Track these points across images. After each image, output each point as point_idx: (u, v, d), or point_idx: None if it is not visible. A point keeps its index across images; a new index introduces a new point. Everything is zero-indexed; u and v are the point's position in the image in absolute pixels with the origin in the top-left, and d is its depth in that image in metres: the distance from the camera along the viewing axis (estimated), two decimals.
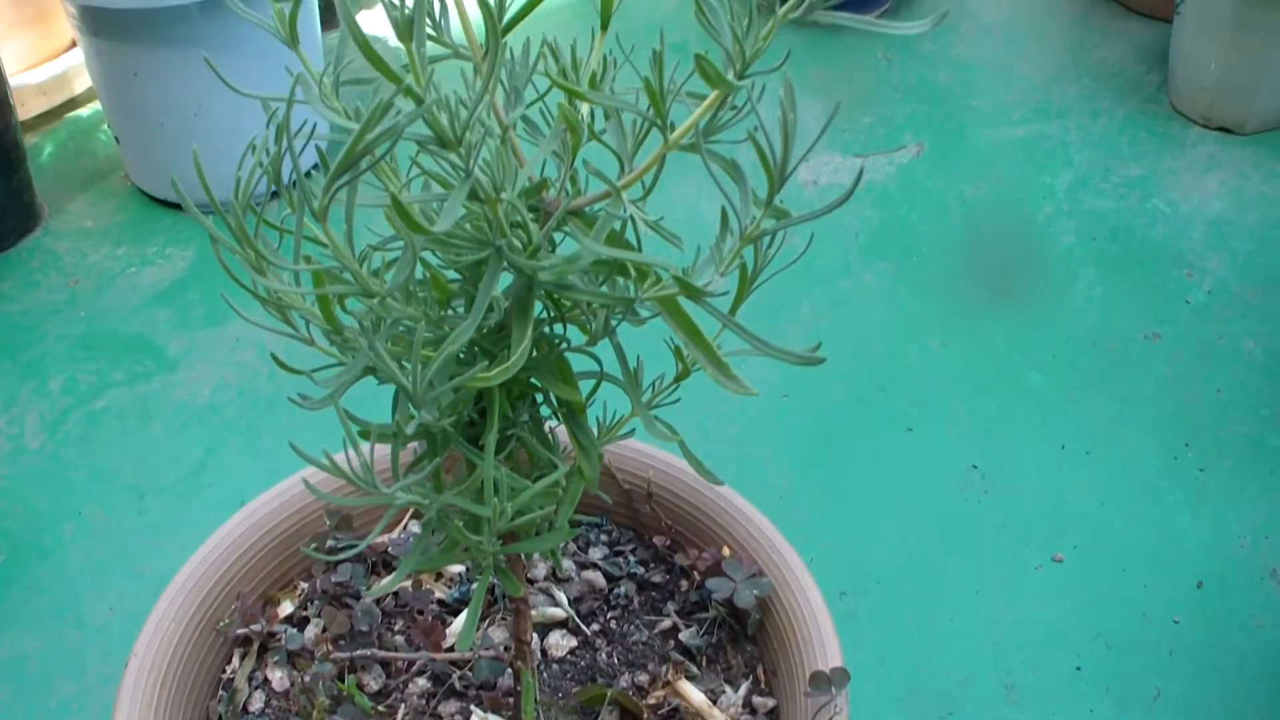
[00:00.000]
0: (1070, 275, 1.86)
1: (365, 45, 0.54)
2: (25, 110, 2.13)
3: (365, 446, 0.69)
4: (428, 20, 0.69)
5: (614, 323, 0.73)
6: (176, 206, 2.01)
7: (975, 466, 1.60)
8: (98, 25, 1.82)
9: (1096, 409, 1.68)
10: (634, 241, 0.73)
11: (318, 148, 0.66)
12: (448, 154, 0.62)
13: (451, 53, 0.72)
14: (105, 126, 2.12)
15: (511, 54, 0.72)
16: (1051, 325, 1.79)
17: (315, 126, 0.70)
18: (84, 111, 2.22)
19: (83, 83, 2.23)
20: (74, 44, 2.21)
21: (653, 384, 0.81)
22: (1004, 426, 1.65)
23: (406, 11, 0.54)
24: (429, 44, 0.70)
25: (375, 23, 2.42)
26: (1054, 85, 2.23)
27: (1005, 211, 1.97)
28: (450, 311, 0.72)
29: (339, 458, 0.70)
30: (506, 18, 0.71)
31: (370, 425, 0.71)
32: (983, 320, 1.79)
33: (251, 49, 1.81)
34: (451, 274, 0.74)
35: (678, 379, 0.80)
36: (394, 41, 0.59)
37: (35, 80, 2.16)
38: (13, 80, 1.99)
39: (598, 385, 0.78)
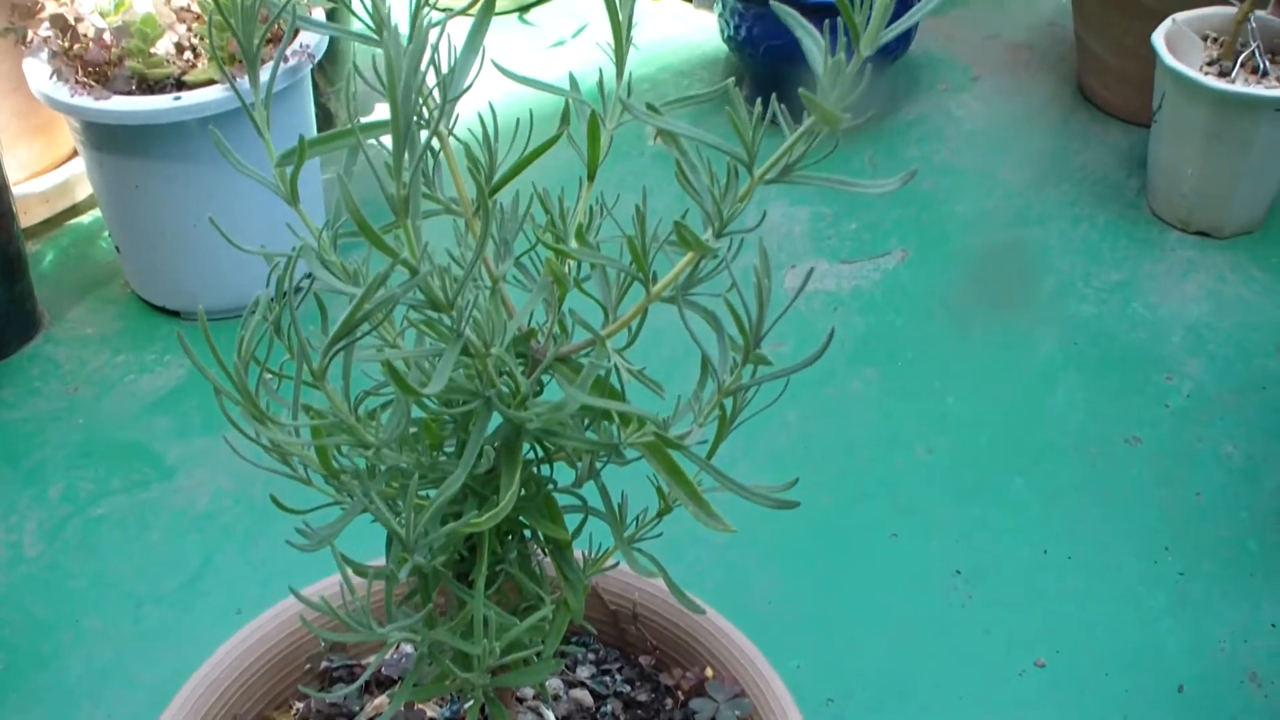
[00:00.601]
0: (1052, 380, 1.90)
1: (364, 224, 0.57)
2: (28, 217, 2.16)
3: (359, 581, 0.72)
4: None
5: (599, 465, 0.77)
6: (175, 314, 2.04)
7: (959, 572, 1.63)
8: (100, 140, 1.87)
9: (1078, 513, 1.71)
10: (619, 383, 0.77)
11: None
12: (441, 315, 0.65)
13: (444, 209, 0.76)
14: (106, 234, 2.16)
15: (501, 207, 0.76)
16: (1034, 430, 1.82)
17: (313, 280, 0.73)
18: (85, 219, 2.26)
19: (84, 190, 2.27)
20: (76, 152, 2.26)
21: (637, 518, 0.84)
22: (987, 532, 1.68)
23: (404, 191, 0.58)
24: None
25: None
26: (1036, 191, 2.28)
27: (989, 317, 2.00)
28: (441, 455, 0.75)
29: (333, 594, 0.73)
30: (496, 176, 0.75)
31: (364, 567, 0.74)
32: (967, 426, 1.83)
33: (250, 164, 1.85)
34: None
35: (660, 514, 0.83)
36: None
37: (39, 189, 2.20)
38: (16, 189, 2.03)
39: (584, 522, 0.81)
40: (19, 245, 1.97)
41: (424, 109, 0.71)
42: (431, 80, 0.70)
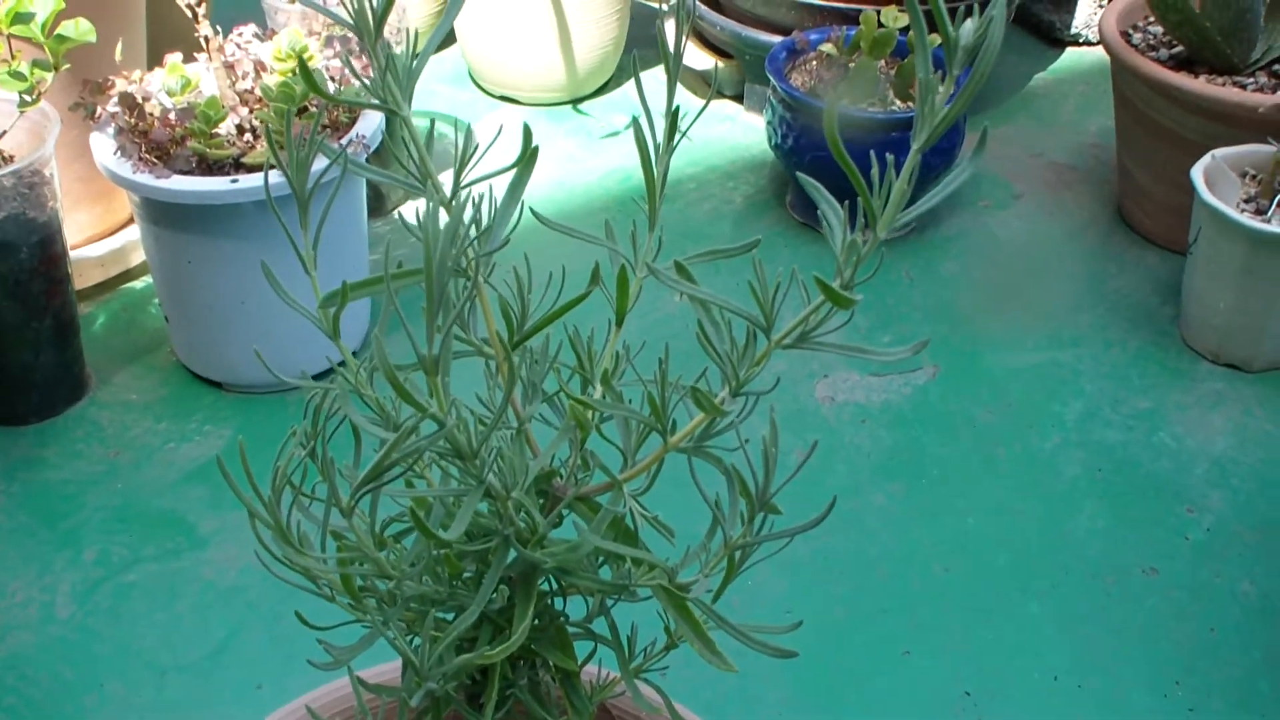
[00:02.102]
0: (1074, 506, 1.92)
1: (397, 384, 0.61)
2: (82, 280, 2.23)
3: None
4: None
5: (609, 604, 0.80)
6: (218, 385, 2.09)
7: (968, 694, 1.65)
8: (157, 215, 1.92)
9: (1092, 641, 1.73)
10: (633, 523, 0.80)
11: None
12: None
13: (476, 350, 0.80)
14: (156, 301, 2.21)
15: (531, 350, 0.80)
16: (1052, 555, 1.84)
17: (341, 409, 0.77)
18: (137, 284, 2.32)
19: (138, 256, 2.33)
20: (132, 219, 2.32)
21: (645, 650, 0.87)
22: (1000, 654, 1.70)
23: (435, 351, 0.62)
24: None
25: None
26: (1070, 313, 2.31)
27: (1015, 439, 2.03)
28: (459, 584, 0.79)
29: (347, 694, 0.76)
30: (529, 324, 0.79)
31: (381, 688, 0.77)
32: (986, 547, 1.85)
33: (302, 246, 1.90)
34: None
35: (666, 648, 0.87)
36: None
37: (95, 254, 2.26)
38: (73, 252, 2.09)
39: (593, 652, 0.84)
40: (73, 310, 2.03)
41: (463, 258, 0.75)
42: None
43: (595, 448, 0.82)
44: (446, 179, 0.78)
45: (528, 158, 0.74)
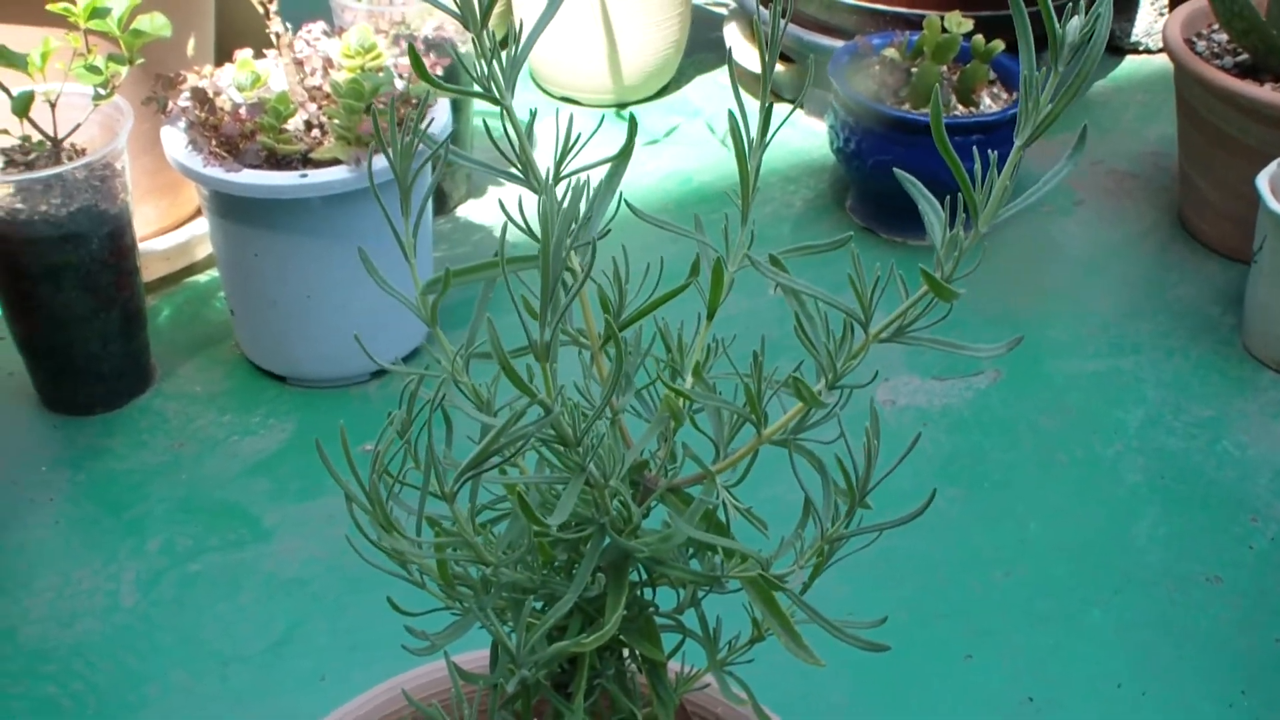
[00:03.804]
0: (1136, 513, 1.91)
1: (510, 370, 0.62)
2: (148, 272, 2.24)
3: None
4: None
5: (700, 595, 0.81)
6: (281, 379, 2.11)
7: (1031, 699, 1.64)
8: (225, 208, 1.94)
9: (1154, 649, 1.72)
10: (724, 516, 0.81)
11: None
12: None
13: (572, 340, 0.80)
14: (221, 294, 2.23)
15: (624, 341, 0.80)
16: (1114, 562, 1.83)
17: (443, 395, 0.78)
18: (202, 278, 2.34)
19: (204, 249, 2.35)
20: (199, 211, 2.34)
21: (729, 642, 0.88)
22: (1061, 661, 1.70)
23: (547, 336, 0.62)
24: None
25: (479, 210, 2.54)
26: (1130, 320, 2.30)
27: (1077, 445, 2.02)
28: (550, 571, 0.79)
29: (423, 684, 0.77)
30: (625, 314, 0.79)
31: (476, 676, 0.78)
32: (1047, 552, 1.84)
33: (366, 242, 1.91)
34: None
35: (752, 641, 0.87)
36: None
37: (161, 247, 2.28)
38: (140, 245, 2.11)
39: (681, 644, 0.85)
40: (140, 302, 2.05)
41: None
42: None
43: (685, 439, 0.83)
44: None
45: (625, 150, 0.74)
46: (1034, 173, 2.68)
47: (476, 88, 0.74)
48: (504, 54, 0.78)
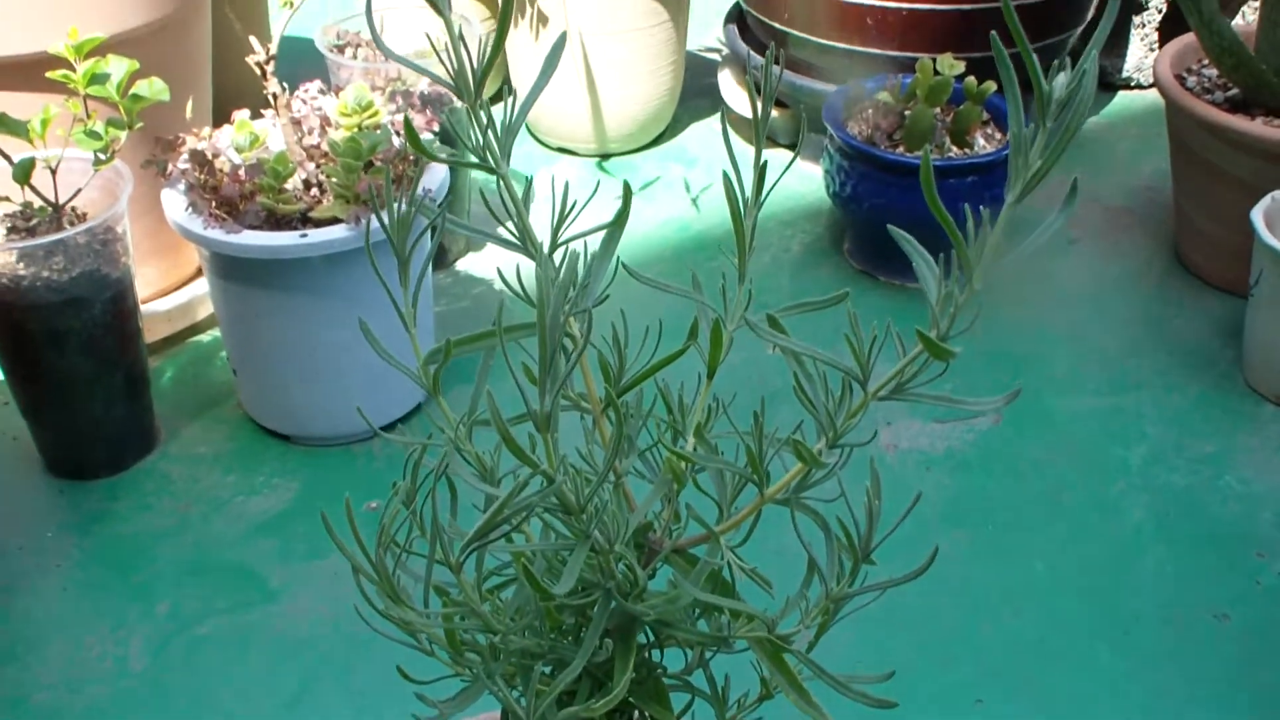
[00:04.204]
0: (1142, 550, 1.91)
1: (511, 442, 0.63)
2: (150, 334, 2.25)
3: None
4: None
5: (708, 656, 0.81)
6: (285, 438, 2.12)
7: None
8: (226, 269, 1.95)
9: (1164, 688, 1.72)
10: (729, 575, 0.81)
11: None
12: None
13: (573, 405, 0.81)
14: (223, 353, 2.24)
15: (626, 404, 0.81)
16: (1122, 601, 1.83)
17: (447, 462, 0.78)
18: (204, 338, 2.35)
19: (205, 309, 2.36)
20: (200, 271, 2.36)
21: (738, 701, 0.88)
22: (1073, 701, 1.69)
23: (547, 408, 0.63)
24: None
25: (479, 263, 2.55)
26: (1130, 357, 2.30)
27: (1080, 483, 2.03)
28: (556, 636, 0.80)
29: None
30: (625, 378, 0.80)
31: None
32: (1054, 592, 1.85)
33: (367, 300, 1.93)
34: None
35: (760, 699, 0.87)
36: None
37: (163, 308, 2.30)
38: (142, 307, 2.12)
39: (690, 704, 0.85)
40: (143, 365, 2.06)
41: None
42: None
43: (688, 498, 0.83)
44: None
45: (621, 215, 0.75)
46: (1029, 210, 2.69)
47: (473, 158, 0.74)
48: (498, 121, 0.79)
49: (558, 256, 0.77)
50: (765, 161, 0.85)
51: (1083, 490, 2.02)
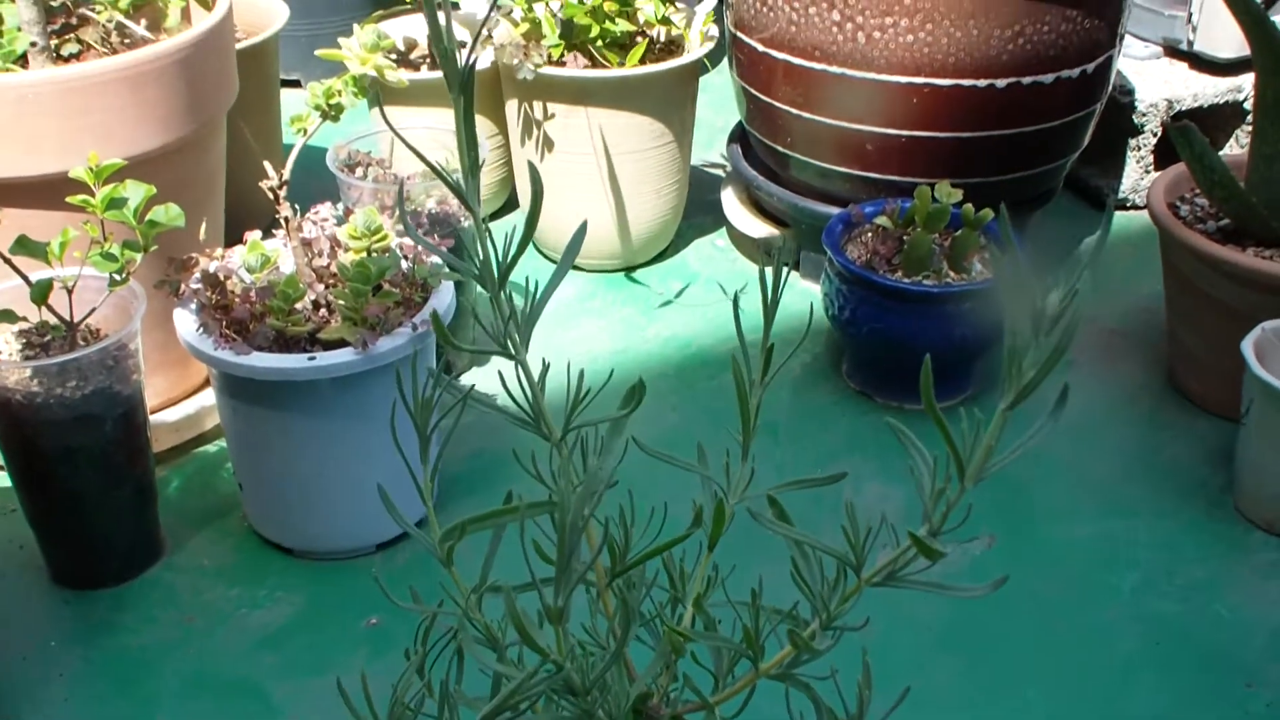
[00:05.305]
0: (1134, 679, 1.94)
1: (524, 631, 0.66)
2: (158, 444, 2.29)
3: None
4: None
5: None
6: (289, 552, 2.14)
7: None
8: (235, 388, 1.99)
9: None
10: None
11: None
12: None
13: (578, 578, 0.84)
14: (228, 465, 2.27)
15: (629, 581, 0.84)
16: None
17: (457, 634, 0.81)
18: (211, 448, 2.39)
19: (212, 419, 2.40)
20: (208, 381, 2.39)
21: None
22: None
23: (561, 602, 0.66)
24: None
25: (483, 378, 2.59)
26: (1123, 483, 2.34)
27: (1073, 611, 2.05)
28: None
29: None
30: (631, 555, 0.83)
31: None
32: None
33: (375, 422, 1.97)
34: None
35: None
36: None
37: (171, 418, 2.33)
38: (151, 417, 2.15)
39: None
40: (151, 477, 2.09)
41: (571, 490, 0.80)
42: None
43: (686, 666, 0.87)
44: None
45: (633, 405, 0.79)
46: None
47: (494, 346, 0.78)
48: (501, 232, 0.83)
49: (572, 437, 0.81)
50: (772, 344, 0.89)
51: (1075, 617, 2.05)
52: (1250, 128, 2.50)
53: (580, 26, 2.76)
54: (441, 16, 0.77)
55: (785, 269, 0.87)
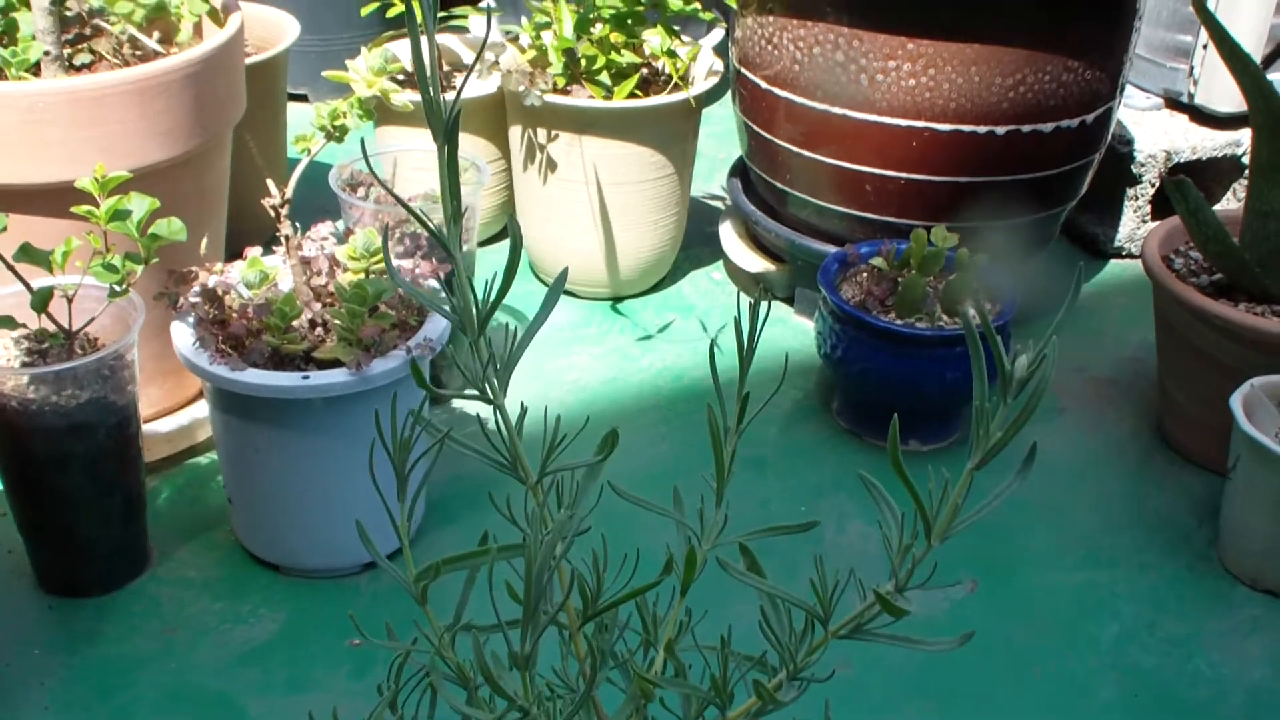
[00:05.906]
0: None
1: (489, 676, 0.67)
2: (150, 453, 2.30)
3: None
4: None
5: None
6: (275, 567, 2.16)
7: None
8: (228, 404, 2.01)
9: None
10: None
11: None
12: None
13: (549, 620, 0.86)
14: (219, 477, 2.28)
15: (602, 624, 0.86)
16: None
17: (428, 674, 0.83)
18: (203, 459, 2.40)
19: (205, 431, 2.41)
20: (202, 393, 2.41)
21: None
22: None
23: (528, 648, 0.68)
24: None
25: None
26: (1107, 533, 2.35)
27: (1051, 659, 2.06)
28: None
29: None
30: (604, 599, 0.85)
31: None
32: None
33: (366, 443, 1.98)
34: None
35: None
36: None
37: (164, 429, 2.35)
38: (144, 427, 2.17)
39: None
40: (141, 486, 2.10)
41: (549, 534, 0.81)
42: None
43: (655, 706, 0.88)
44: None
45: (606, 453, 0.80)
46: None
47: (472, 391, 0.80)
48: (496, 357, 0.84)
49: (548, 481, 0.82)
50: (749, 393, 0.90)
51: (1053, 666, 2.06)
52: (1247, 182, 2.52)
53: (586, 57, 2.78)
54: (427, 60, 0.78)
55: (761, 320, 0.88)
